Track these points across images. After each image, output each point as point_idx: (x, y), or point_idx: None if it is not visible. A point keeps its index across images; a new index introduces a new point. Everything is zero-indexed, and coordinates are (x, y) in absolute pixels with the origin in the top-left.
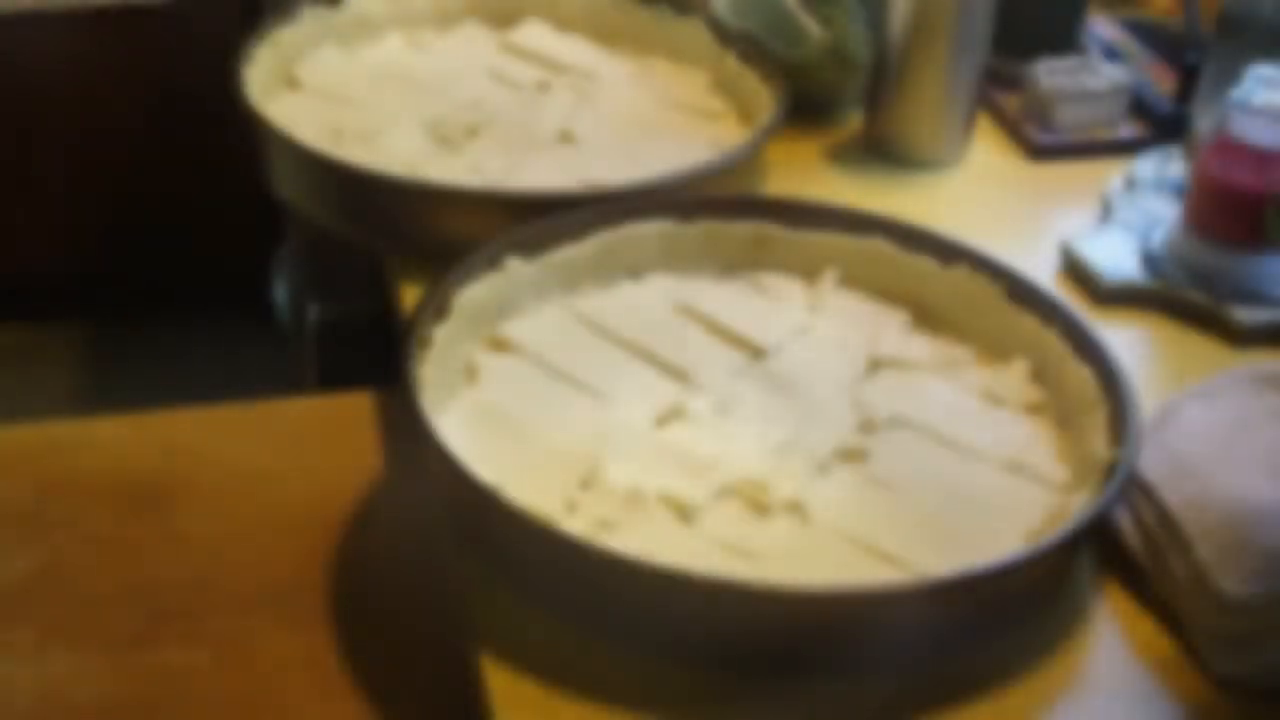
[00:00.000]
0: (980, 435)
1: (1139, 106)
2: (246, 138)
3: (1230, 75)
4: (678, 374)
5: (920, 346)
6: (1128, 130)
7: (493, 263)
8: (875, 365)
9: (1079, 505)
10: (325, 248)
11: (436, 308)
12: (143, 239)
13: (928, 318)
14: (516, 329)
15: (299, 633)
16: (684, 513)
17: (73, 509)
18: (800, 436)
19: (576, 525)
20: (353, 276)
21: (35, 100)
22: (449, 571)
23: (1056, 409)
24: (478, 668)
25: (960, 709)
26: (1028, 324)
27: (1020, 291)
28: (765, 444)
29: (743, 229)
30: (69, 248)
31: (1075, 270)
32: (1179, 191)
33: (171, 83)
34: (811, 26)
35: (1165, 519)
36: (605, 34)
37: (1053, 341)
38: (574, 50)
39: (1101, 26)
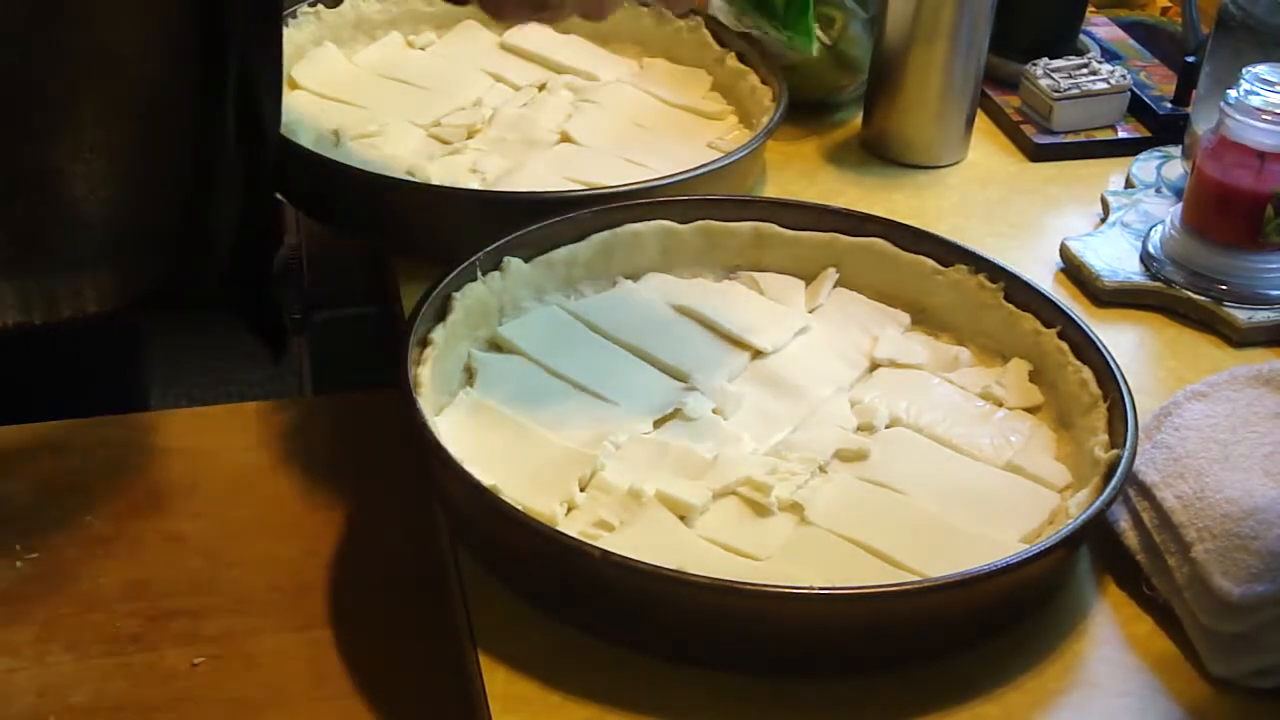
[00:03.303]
0: (980, 435)
1: (1138, 107)
2: None
3: (1229, 76)
4: (677, 374)
5: (920, 346)
6: (1126, 131)
7: (492, 263)
8: (874, 365)
9: (1078, 505)
10: (325, 248)
11: (436, 308)
12: None
13: (927, 318)
14: (516, 329)
15: (299, 633)
16: (684, 513)
17: (73, 509)
18: (800, 437)
19: (575, 525)
20: (352, 276)
21: None
22: (449, 571)
23: (1055, 409)
24: (476, 668)
25: (960, 709)
26: (1027, 324)
27: (1019, 292)
28: (765, 444)
29: (742, 229)
30: None
31: (1074, 271)
32: (1178, 192)
33: None
34: (811, 27)
35: (1164, 519)
36: (605, 34)
37: (1052, 342)
38: (573, 50)
39: (1101, 27)
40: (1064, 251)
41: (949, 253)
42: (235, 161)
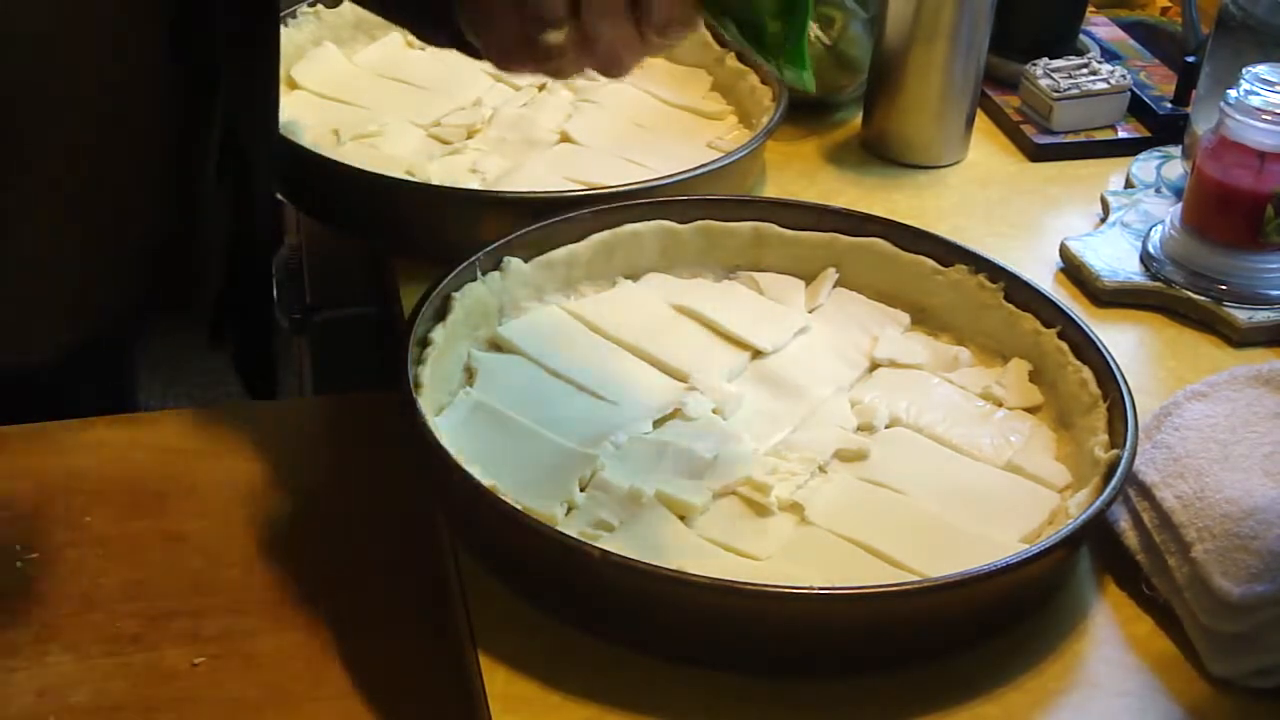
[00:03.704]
0: (979, 435)
1: (1138, 107)
2: None
3: (1229, 76)
4: (677, 374)
5: (919, 346)
6: (1126, 131)
7: (492, 263)
8: (874, 366)
9: (1078, 505)
10: (325, 247)
11: (436, 308)
12: None
13: (927, 318)
14: (516, 329)
15: (299, 633)
16: (684, 513)
17: (73, 509)
18: (800, 437)
19: (575, 525)
20: (353, 276)
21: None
22: (449, 571)
23: (1055, 409)
24: (476, 668)
25: (960, 709)
26: (1027, 324)
27: (1019, 292)
28: (765, 444)
29: (742, 229)
30: None
31: (1074, 271)
32: (1178, 192)
33: None
34: (811, 27)
35: (1164, 519)
36: None
37: (1052, 342)
38: None
39: (1101, 27)
40: (1064, 251)
41: (949, 253)
42: (219, 205)
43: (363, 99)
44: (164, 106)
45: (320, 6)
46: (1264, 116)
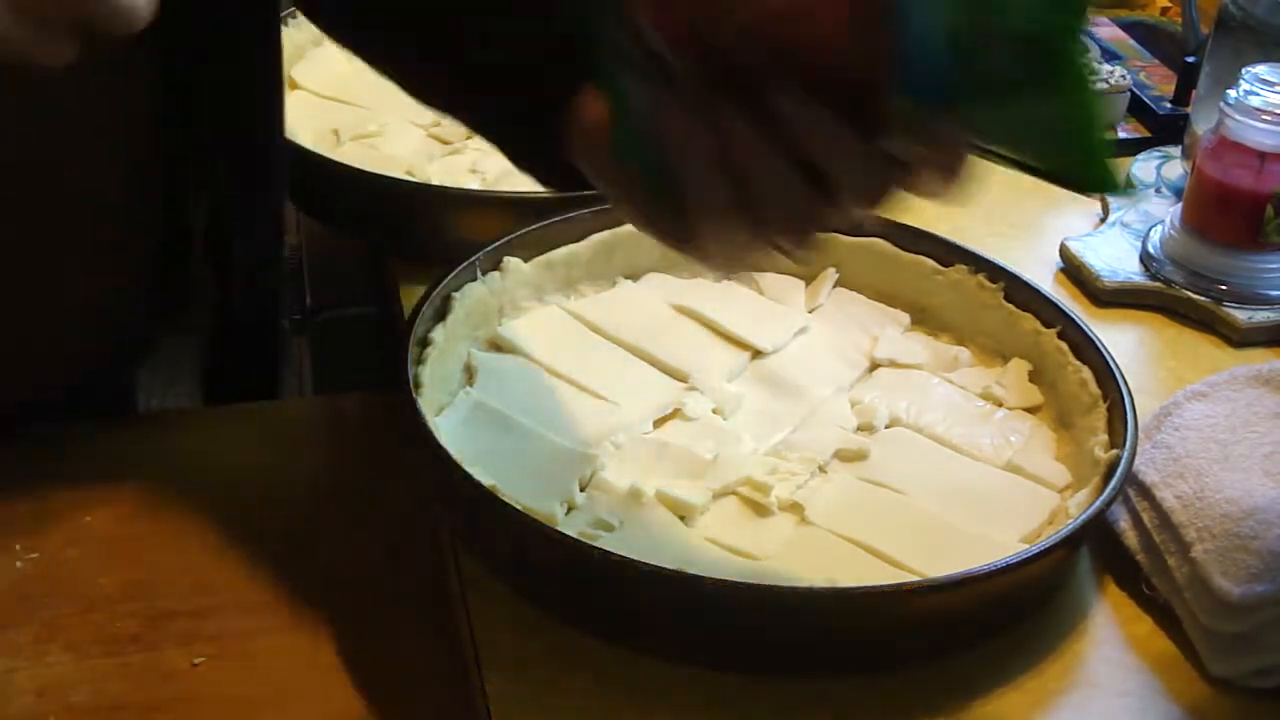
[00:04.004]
0: (979, 435)
1: (1138, 107)
2: None
3: (1229, 76)
4: (677, 375)
5: (919, 347)
6: (1126, 131)
7: (492, 263)
8: (874, 366)
9: (1078, 505)
10: (325, 248)
11: (435, 308)
12: None
13: (927, 318)
14: (516, 329)
15: (299, 633)
16: (684, 513)
17: (73, 509)
18: (800, 437)
19: (575, 525)
20: (353, 277)
21: None
22: (448, 571)
23: (1055, 409)
24: (476, 667)
25: (960, 709)
26: (1027, 324)
27: (1019, 292)
28: (765, 444)
29: None
30: None
31: (1074, 271)
32: (1178, 192)
33: None
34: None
35: (1164, 519)
36: None
37: (1052, 342)
38: None
39: (1101, 27)
40: (1064, 251)
41: (949, 253)
42: (205, 286)
43: (363, 99)
44: (154, 115)
45: None
46: (1264, 116)
